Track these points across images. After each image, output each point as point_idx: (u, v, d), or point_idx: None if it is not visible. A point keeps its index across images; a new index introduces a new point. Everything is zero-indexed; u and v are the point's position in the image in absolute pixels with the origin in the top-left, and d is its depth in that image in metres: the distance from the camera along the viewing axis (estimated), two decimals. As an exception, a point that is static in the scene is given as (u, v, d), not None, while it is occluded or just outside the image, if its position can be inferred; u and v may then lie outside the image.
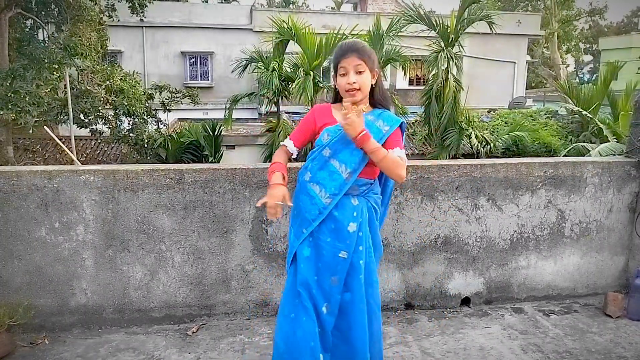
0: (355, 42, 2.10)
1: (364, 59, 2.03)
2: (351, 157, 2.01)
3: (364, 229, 2.05)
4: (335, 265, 2.01)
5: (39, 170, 2.71)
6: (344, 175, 2.02)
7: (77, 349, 2.65)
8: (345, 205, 2.02)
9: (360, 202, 2.06)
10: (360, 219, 2.04)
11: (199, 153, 12.26)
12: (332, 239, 2.01)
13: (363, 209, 2.06)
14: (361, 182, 2.06)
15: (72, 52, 9.49)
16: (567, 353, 2.67)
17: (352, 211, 2.03)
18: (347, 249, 2.01)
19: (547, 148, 12.71)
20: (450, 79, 10.98)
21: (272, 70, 10.97)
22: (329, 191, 2.02)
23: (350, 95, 2.04)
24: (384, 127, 2.06)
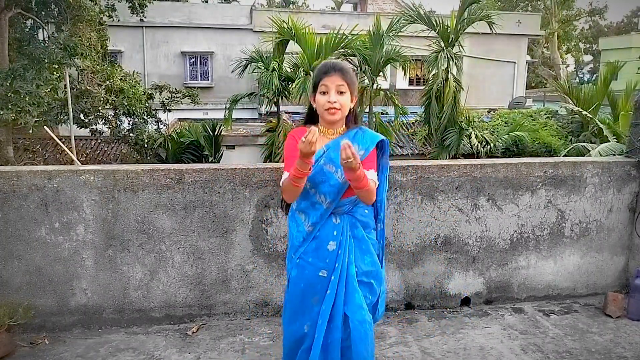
0: (339, 63, 2.07)
1: (347, 80, 1.99)
2: (330, 189, 2.00)
3: (343, 247, 2.03)
4: (315, 284, 2.03)
5: (39, 170, 2.71)
6: (324, 205, 2.03)
7: (77, 349, 2.65)
8: (327, 225, 2.04)
9: (342, 221, 2.05)
10: (341, 237, 2.03)
11: (199, 153, 12.26)
12: (313, 259, 2.04)
13: (345, 227, 2.05)
14: (345, 202, 2.04)
15: (72, 52, 9.49)
16: (567, 353, 2.67)
17: (332, 230, 2.04)
18: (327, 268, 2.02)
19: (547, 148, 12.71)
20: (450, 79, 10.98)
21: (272, 70, 10.97)
22: (311, 220, 2.05)
23: (330, 114, 1.99)
24: (359, 152, 1.98)
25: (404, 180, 2.98)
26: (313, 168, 1.96)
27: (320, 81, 2.00)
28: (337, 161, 1.91)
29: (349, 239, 2.04)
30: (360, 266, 2.05)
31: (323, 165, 2.00)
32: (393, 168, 2.97)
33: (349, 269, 2.03)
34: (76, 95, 10.74)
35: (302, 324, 2.06)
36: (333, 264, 2.02)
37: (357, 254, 2.06)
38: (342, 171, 1.97)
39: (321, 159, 2.00)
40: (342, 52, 10.78)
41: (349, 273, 2.03)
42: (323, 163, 2.00)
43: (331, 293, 2.01)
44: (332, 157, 1.99)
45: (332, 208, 2.03)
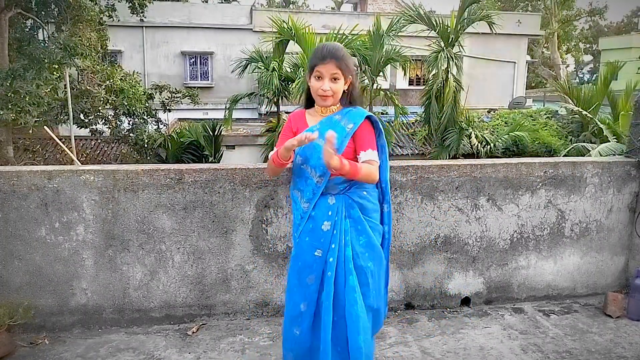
0: (335, 49, 2.09)
1: (341, 67, 2.06)
2: (319, 161, 2.03)
3: (338, 227, 2.06)
4: (311, 264, 2.07)
5: (39, 170, 2.71)
6: (314, 179, 2.08)
7: (77, 349, 2.65)
8: (322, 205, 2.08)
9: (338, 201, 2.08)
10: (336, 217, 2.06)
11: (199, 153, 12.26)
12: (310, 238, 2.08)
13: (340, 207, 2.07)
14: (339, 181, 2.07)
15: (72, 52, 9.50)
16: (567, 353, 2.67)
17: (327, 210, 2.07)
18: (322, 247, 2.06)
19: (547, 148, 12.72)
20: (450, 79, 10.99)
21: (272, 70, 10.98)
22: (305, 196, 2.11)
23: (322, 100, 2.10)
24: (347, 125, 2.07)
25: (404, 180, 2.98)
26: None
27: (316, 67, 2.06)
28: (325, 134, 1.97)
29: (344, 220, 2.07)
30: (355, 247, 2.07)
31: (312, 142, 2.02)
32: (393, 168, 2.97)
33: (346, 251, 2.05)
34: (76, 95, 10.75)
35: (298, 303, 2.10)
36: (328, 244, 2.06)
37: (353, 235, 2.08)
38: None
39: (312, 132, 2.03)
40: (342, 52, 10.77)
41: (346, 255, 2.05)
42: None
43: (332, 274, 2.04)
44: (322, 132, 2.01)
45: (323, 183, 2.06)
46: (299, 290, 2.11)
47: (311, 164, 2.09)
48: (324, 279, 2.06)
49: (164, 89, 12.37)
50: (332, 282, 2.04)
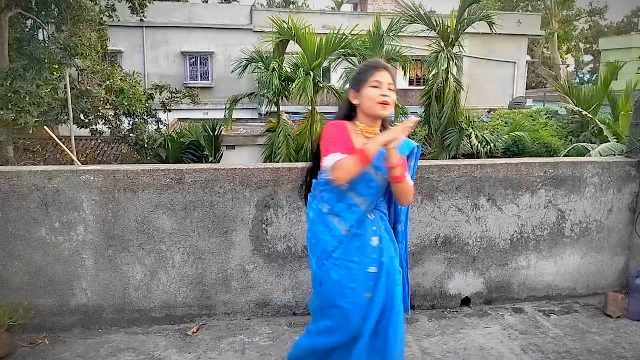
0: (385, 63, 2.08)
1: (394, 80, 2.02)
2: (369, 190, 2.00)
3: (384, 241, 2.04)
4: (366, 282, 1.99)
5: (39, 170, 2.71)
6: (362, 208, 2.01)
7: (77, 349, 2.65)
8: (365, 221, 2.03)
9: (375, 215, 2.07)
10: (380, 232, 2.04)
11: (199, 153, 12.26)
12: (360, 257, 2.00)
13: (378, 221, 2.07)
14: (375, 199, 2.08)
15: (72, 52, 9.50)
16: (567, 353, 2.67)
17: (371, 226, 2.03)
18: (374, 263, 2.01)
19: (547, 148, 12.71)
20: (450, 79, 10.98)
21: (272, 70, 10.97)
22: (347, 223, 2.01)
23: (383, 107, 1.97)
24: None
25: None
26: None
27: (372, 76, 1.98)
28: (377, 162, 1.93)
29: (384, 232, 2.06)
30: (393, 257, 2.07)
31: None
32: (393, 168, 2.97)
33: (394, 263, 2.03)
34: (76, 95, 10.74)
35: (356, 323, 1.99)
36: (379, 259, 2.01)
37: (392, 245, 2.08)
38: (382, 173, 1.98)
39: None
40: (342, 52, 10.78)
41: (394, 267, 2.03)
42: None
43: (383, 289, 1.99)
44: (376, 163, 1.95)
45: (369, 210, 2.03)
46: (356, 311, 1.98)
47: (360, 191, 2.00)
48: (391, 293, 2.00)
49: (164, 89, 12.36)
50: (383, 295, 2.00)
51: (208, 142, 12.21)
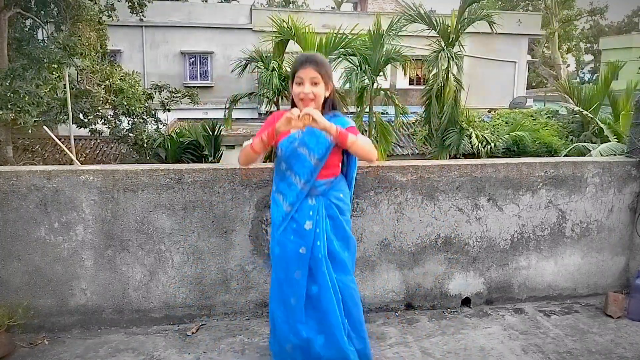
0: (314, 55, 2.27)
1: (321, 72, 2.17)
2: (303, 169, 2.20)
3: (320, 225, 2.21)
4: (297, 260, 2.21)
5: (38, 170, 2.71)
6: (299, 186, 2.21)
7: (77, 350, 2.64)
8: (303, 206, 2.22)
9: (318, 202, 2.23)
10: (317, 216, 2.21)
11: (199, 153, 12.23)
12: (295, 237, 2.22)
13: (320, 208, 2.23)
14: (319, 184, 2.23)
15: (71, 52, 9.48)
16: (568, 353, 2.66)
17: (309, 211, 2.22)
18: (306, 245, 2.20)
19: (548, 148, 12.71)
20: (450, 78, 10.96)
21: (272, 70, 10.94)
22: (288, 200, 2.23)
23: (304, 104, 2.18)
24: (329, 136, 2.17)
25: (404, 180, 2.97)
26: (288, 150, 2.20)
27: (296, 73, 2.20)
28: (310, 144, 2.18)
29: (324, 219, 2.23)
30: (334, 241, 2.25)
31: (297, 148, 2.19)
32: (393, 168, 2.97)
33: (330, 245, 2.23)
34: (75, 95, 10.73)
35: (289, 297, 2.24)
36: (312, 242, 2.20)
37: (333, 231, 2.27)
38: (315, 155, 2.17)
39: (295, 141, 2.20)
40: (342, 51, 10.76)
41: (331, 248, 2.24)
42: (297, 145, 2.19)
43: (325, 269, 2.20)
44: (305, 141, 2.18)
45: (307, 189, 2.21)
46: (288, 285, 2.24)
47: (296, 171, 2.21)
48: (317, 274, 2.21)
49: (164, 89, 12.35)
50: (326, 276, 2.20)
51: (208, 142, 12.19)
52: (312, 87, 2.17)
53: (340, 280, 2.25)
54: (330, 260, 2.23)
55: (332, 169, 2.27)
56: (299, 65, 2.19)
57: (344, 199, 2.31)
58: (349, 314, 2.27)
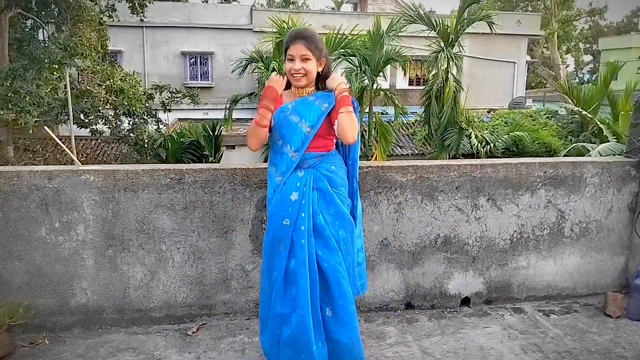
0: (304, 30, 2.25)
1: (311, 48, 2.16)
2: (294, 137, 2.18)
3: (307, 197, 2.17)
4: (280, 232, 2.18)
5: (39, 170, 2.71)
6: (289, 154, 2.20)
7: (77, 349, 2.65)
8: (291, 178, 2.20)
9: (306, 174, 2.20)
10: (304, 188, 2.18)
11: (199, 153, 12.24)
12: (278, 209, 2.20)
13: (308, 179, 2.19)
14: (310, 156, 2.21)
15: (72, 52, 9.49)
16: (567, 353, 2.67)
17: (296, 182, 2.19)
18: (289, 217, 2.16)
19: (547, 148, 12.72)
20: (450, 79, 10.97)
21: (272, 70, 10.96)
22: (279, 170, 2.23)
23: (296, 80, 2.19)
24: (322, 105, 2.21)
25: (404, 180, 2.98)
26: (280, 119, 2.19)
27: (287, 49, 2.19)
28: (302, 113, 2.18)
29: (312, 191, 2.19)
30: (325, 216, 2.19)
31: (289, 116, 2.19)
32: (393, 168, 2.98)
33: (316, 219, 2.16)
34: (76, 95, 10.74)
35: (272, 270, 2.21)
36: (296, 214, 2.15)
37: (322, 205, 2.19)
38: (306, 122, 2.16)
39: (287, 110, 2.20)
40: (342, 52, 10.77)
41: (317, 222, 2.16)
42: (289, 114, 2.19)
43: (305, 242, 2.12)
44: (297, 109, 2.20)
45: (297, 159, 2.19)
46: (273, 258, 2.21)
47: (287, 139, 2.20)
48: (295, 247, 2.14)
49: (164, 89, 12.36)
50: (305, 249, 2.12)
51: (208, 142, 12.20)
52: (303, 63, 2.16)
53: (325, 259, 2.14)
54: (315, 236, 2.14)
55: (323, 142, 2.23)
56: (290, 41, 2.18)
57: (337, 171, 2.25)
58: (331, 300, 2.14)
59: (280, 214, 2.18)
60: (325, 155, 2.25)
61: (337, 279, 2.14)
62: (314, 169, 2.21)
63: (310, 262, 2.12)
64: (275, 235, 2.19)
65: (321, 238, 2.16)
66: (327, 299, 2.15)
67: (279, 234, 2.18)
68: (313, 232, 2.15)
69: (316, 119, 2.17)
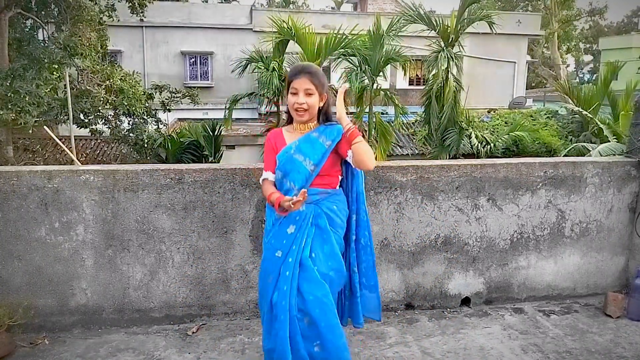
0: (309, 65, 2.26)
1: (315, 83, 2.18)
2: (299, 176, 2.18)
3: (303, 231, 2.15)
4: (272, 264, 2.18)
5: (38, 170, 2.71)
6: (293, 191, 2.17)
7: (77, 349, 2.65)
8: (292, 212, 2.14)
9: (307, 209, 2.18)
10: (303, 222, 2.17)
11: (199, 153, 12.24)
12: (275, 241, 2.20)
13: (308, 214, 2.18)
14: (313, 192, 2.18)
15: (72, 52, 9.49)
16: (567, 353, 2.67)
17: (295, 216, 2.17)
18: (282, 249, 2.16)
19: (547, 148, 12.72)
20: (450, 79, 10.97)
21: (272, 70, 10.95)
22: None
23: (298, 115, 2.20)
24: (325, 142, 2.21)
25: (404, 180, 2.98)
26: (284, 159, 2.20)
27: (291, 83, 2.20)
28: (306, 151, 2.18)
29: (309, 226, 2.17)
30: (319, 254, 2.16)
31: (292, 155, 2.20)
32: (393, 168, 2.98)
33: (304, 251, 2.14)
34: (76, 95, 10.73)
35: (263, 302, 2.23)
36: (289, 246, 2.15)
37: (317, 242, 2.18)
38: (310, 160, 2.16)
39: (291, 149, 2.21)
40: (342, 52, 10.77)
41: (303, 255, 2.14)
42: (293, 152, 2.20)
43: (290, 274, 2.11)
44: (301, 148, 2.19)
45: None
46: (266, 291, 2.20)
47: (291, 177, 2.20)
48: (280, 279, 2.13)
49: (164, 89, 12.35)
50: (289, 281, 2.10)
51: (208, 142, 12.19)
52: (306, 98, 2.17)
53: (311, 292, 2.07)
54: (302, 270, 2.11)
55: (328, 180, 2.23)
56: (294, 75, 2.20)
57: (337, 212, 2.23)
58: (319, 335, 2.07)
59: (275, 246, 2.18)
60: (330, 194, 2.24)
61: (324, 313, 2.07)
62: (316, 205, 2.20)
63: (292, 296, 2.08)
64: (267, 266, 2.20)
65: (308, 272, 2.11)
66: (314, 334, 2.08)
67: (270, 266, 2.18)
68: (301, 266, 2.12)
69: (320, 157, 2.18)
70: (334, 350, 2.07)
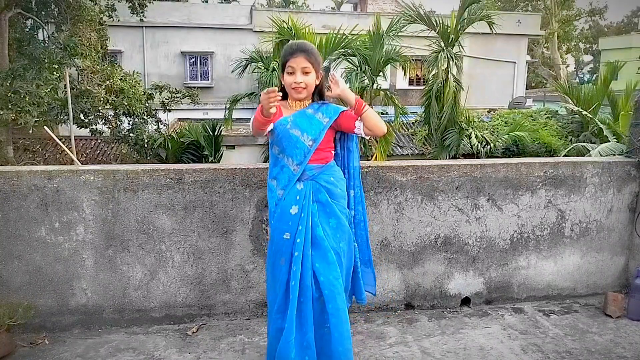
0: (304, 44, 2.24)
1: (311, 61, 2.18)
2: (297, 151, 2.18)
3: (306, 210, 2.16)
4: (281, 246, 2.18)
5: (39, 170, 2.71)
6: (291, 168, 2.20)
7: (77, 349, 2.65)
8: (291, 191, 2.19)
9: (305, 186, 2.19)
10: (304, 201, 2.17)
11: (199, 153, 12.25)
12: (279, 223, 2.20)
13: (307, 192, 2.19)
14: (309, 168, 2.20)
15: (72, 52, 9.50)
16: (567, 353, 2.67)
17: (295, 195, 2.18)
18: (289, 230, 2.16)
19: (547, 148, 12.72)
20: (450, 79, 10.98)
21: (272, 70, 10.95)
22: (280, 184, 2.23)
23: (296, 92, 2.20)
24: (323, 119, 2.22)
25: (404, 180, 2.98)
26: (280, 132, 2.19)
27: (287, 62, 2.19)
28: (303, 126, 2.18)
29: (311, 204, 2.18)
30: (325, 228, 2.17)
31: (289, 130, 2.19)
32: (393, 168, 2.98)
33: (315, 231, 2.15)
34: (76, 95, 10.74)
35: (274, 286, 2.21)
36: (296, 227, 2.15)
37: (322, 217, 2.18)
38: (308, 135, 2.17)
39: (288, 124, 2.19)
40: (342, 52, 10.77)
41: (316, 234, 2.15)
42: (289, 127, 2.19)
43: (299, 255, 2.12)
44: (297, 123, 2.19)
45: (299, 172, 2.19)
46: (275, 272, 2.20)
47: (289, 153, 2.20)
48: (292, 259, 2.14)
49: (164, 89, 12.36)
50: (299, 263, 2.11)
51: (208, 142, 12.20)
52: (304, 77, 2.17)
53: (322, 273, 2.09)
54: (314, 248, 2.12)
55: (323, 154, 2.24)
56: (290, 54, 2.18)
57: (336, 183, 2.24)
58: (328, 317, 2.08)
59: (281, 228, 2.18)
60: (325, 167, 2.24)
61: (333, 295, 2.08)
62: (313, 180, 2.20)
63: (304, 277, 2.10)
64: (277, 248, 2.20)
65: (320, 250, 2.12)
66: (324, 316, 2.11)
67: (280, 248, 2.18)
68: (312, 245, 2.13)
69: (319, 133, 2.19)
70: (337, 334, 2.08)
